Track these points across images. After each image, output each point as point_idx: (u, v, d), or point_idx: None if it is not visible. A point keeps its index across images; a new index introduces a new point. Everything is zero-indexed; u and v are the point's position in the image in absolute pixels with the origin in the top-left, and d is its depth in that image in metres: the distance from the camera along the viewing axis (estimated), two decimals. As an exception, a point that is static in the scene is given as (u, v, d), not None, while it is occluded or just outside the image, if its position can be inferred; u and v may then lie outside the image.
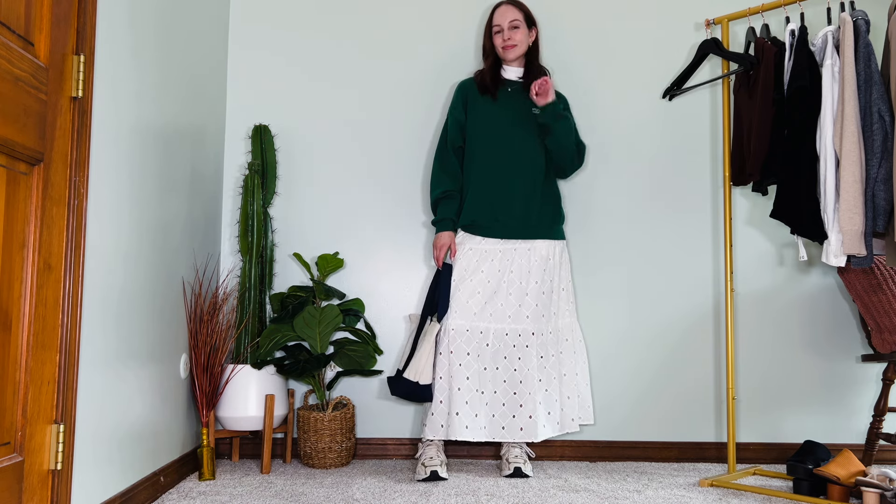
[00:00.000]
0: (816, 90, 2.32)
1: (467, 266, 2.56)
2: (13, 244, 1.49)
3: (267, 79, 2.99)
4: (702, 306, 2.96)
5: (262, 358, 2.57)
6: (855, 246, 2.18)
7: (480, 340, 2.52)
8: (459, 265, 2.56)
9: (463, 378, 2.46)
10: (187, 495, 2.20)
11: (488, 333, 2.53)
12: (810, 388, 2.95)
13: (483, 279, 2.55)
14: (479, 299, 2.53)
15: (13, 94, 1.45)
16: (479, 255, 2.57)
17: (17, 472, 1.49)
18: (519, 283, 2.57)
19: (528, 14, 2.68)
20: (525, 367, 2.52)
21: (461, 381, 2.46)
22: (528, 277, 2.58)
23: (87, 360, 1.75)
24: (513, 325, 2.56)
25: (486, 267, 2.56)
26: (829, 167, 2.25)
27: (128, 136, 1.97)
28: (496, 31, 2.67)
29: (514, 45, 2.64)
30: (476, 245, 2.58)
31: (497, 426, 2.49)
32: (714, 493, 2.31)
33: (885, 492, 2.09)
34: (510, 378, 2.52)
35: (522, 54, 2.69)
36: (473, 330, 2.52)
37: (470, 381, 2.47)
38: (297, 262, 2.92)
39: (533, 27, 2.69)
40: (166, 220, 2.28)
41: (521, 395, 2.50)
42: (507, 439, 2.49)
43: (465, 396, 2.45)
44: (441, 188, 2.64)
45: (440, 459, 2.50)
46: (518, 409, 2.50)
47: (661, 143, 3.01)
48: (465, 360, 2.48)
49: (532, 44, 2.71)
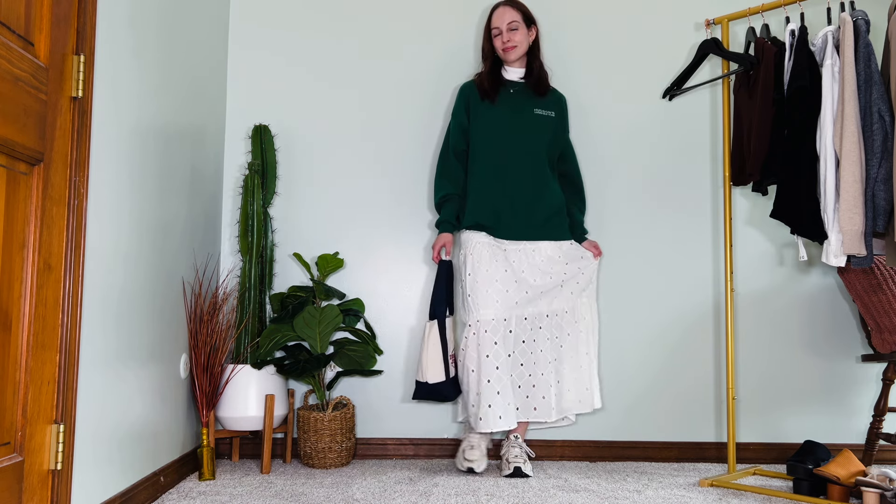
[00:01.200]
0: (816, 90, 2.32)
1: (480, 259, 2.56)
2: (13, 244, 1.49)
3: (267, 79, 2.99)
4: (702, 306, 2.96)
5: (262, 358, 2.57)
6: (855, 246, 2.18)
7: (505, 328, 2.54)
8: (472, 258, 2.57)
9: (492, 369, 2.48)
10: (187, 495, 2.20)
11: (511, 320, 2.56)
12: (810, 388, 2.95)
13: (500, 268, 2.57)
14: (498, 287, 2.55)
15: (13, 94, 1.45)
16: (488, 249, 2.58)
17: (17, 472, 1.49)
18: (531, 280, 2.59)
19: (526, 13, 2.68)
20: (538, 348, 2.58)
21: (491, 373, 2.48)
22: (540, 273, 2.61)
23: (87, 360, 1.75)
24: (531, 309, 2.60)
25: (500, 259, 2.58)
26: (829, 167, 2.25)
27: (128, 136, 1.97)
28: (495, 33, 2.67)
29: (513, 46, 2.64)
30: (483, 240, 2.60)
31: (511, 408, 2.53)
32: (714, 493, 2.31)
33: (885, 492, 2.09)
34: (526, 361, 2.58)
35: (523, 54, 2.69)
36: (498, 319, 2.53)
37: (500, 371, 2.49)
38: (297, 262, 2.92)
39: (532, 26, 2.69)
40: (166, 220, 2.28)
41: (535, 377, 2.58)
42: (521, 419, 2.56)
43: (496, 387, 2.48)
44: (442, 192, 2.67)
45: (481, 453, 2.57)
46: (532, 389, 2.58)
47: (661, 142, 3.01)
48: (493, 350, 2.50)
49: (532, 43, 2.70)
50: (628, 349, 2.94)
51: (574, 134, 2.95)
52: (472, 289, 2.54)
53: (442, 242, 2.63)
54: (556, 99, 2.74)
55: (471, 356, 2.52)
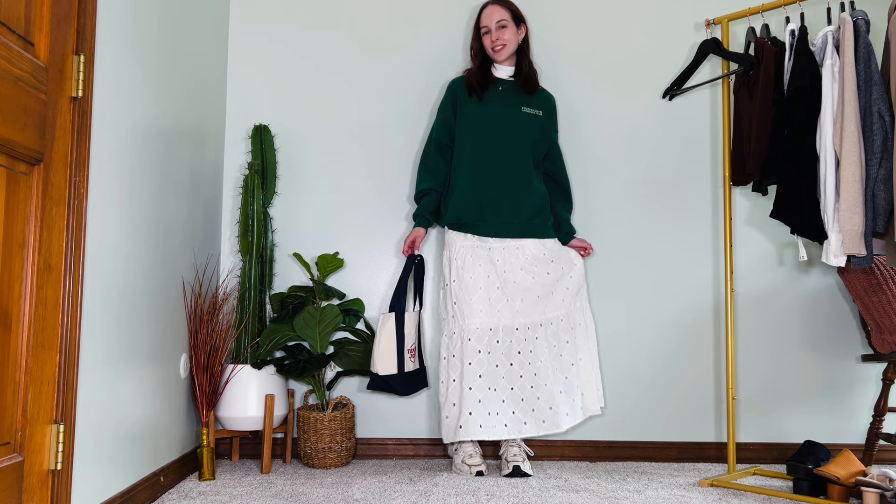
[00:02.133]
0: (816, 90, 2.32)
1: (464, 264, 2.56)
2: (13, 244, 1.49)
3: (267, 79, 2.99)
4: (702, 306, 2.96)
5: (262, 358, 2.57)
6: (855, 246, 2.18)
7: (491, 338, 2.52)
8: (456, 263, 2.56)
9: (475, 377, 2.47)
10: (187, 495, 2.20)
11: (498, 330, 2.54)
12: (810, 388, 2.95)
13: (483, 274, 2.56)
14: (482, 295, 2.54)
15: (13, 94, 1.45)
16: (472, 252, 2.58)
17: (17, 472, 1.49)
18: (514, 280, 2.58)
19: (515, 12, 2.68)
20: (538, 358, 2.54)
21: (473, 381, 2.47)
22: (523, 273, 2.59)
23: (87, 360, 1.75)
24: (522, 319, 2.57)
25: (483, 263, 2.57)
26: (829, 167, 2.25)
27: (128, 136, 1.97)
28: (484, 32, 2.67)
29: (503, 45, 2.65)
30: (467, 242, 2.59)
31: (519, 422, 2.50)
32: (714, 493, 2.31)
33: (885, 492, 2.09)
34: (526, 372, 2.53)
35: (513, 53, 2.69)
36: (483, 328, 2.52)
37: (483, 380, 2.47)
38: (297, 262, 2.92)
39: (521, 24, 2.69)
40: (166, 219, 2.28)
41: (538, 388, 2.52)
42: (531, 434, 2.50)
43: (477, 395, 2.46)
44: (422, 185, 2.69)
45: (480, 457, 2.57)
46: (536, 401, 2.51)
47: (661, 143, 3.01)
48: (477, 359, 2.49)
49: (522, 41, 2.71)
50: (628, 349, 2.94)
51: (574, 134, 2.96)
52: (458, 297, 2.53)
53: (414, 236, 2.64)
54: (545, 98, 2.73)
55: (454, 365, 2.50)
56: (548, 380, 2.53)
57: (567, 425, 2.52)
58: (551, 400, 2.51)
